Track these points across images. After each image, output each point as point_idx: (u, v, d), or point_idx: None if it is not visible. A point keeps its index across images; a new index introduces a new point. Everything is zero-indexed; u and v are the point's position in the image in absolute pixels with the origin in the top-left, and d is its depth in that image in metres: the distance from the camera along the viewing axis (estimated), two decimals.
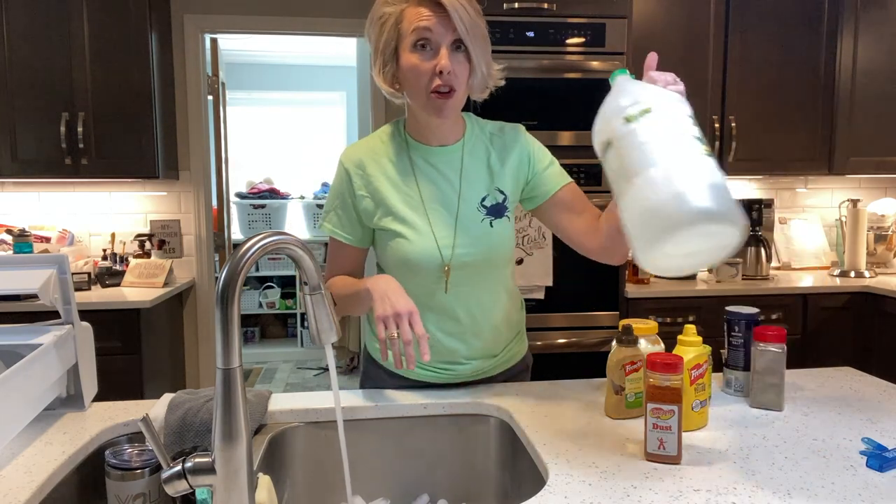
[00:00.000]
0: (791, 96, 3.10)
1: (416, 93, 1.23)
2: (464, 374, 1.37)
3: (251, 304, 5.31)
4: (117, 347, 2.67)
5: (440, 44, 1.19)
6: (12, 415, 1.05)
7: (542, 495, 0.91)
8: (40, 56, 2.81)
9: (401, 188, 1.30)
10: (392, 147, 1.34)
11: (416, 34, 1.19)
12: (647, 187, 0.90)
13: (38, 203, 3.22)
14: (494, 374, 1.42)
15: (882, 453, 0.99)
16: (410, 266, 1.28)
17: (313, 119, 5.89)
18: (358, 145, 1.37)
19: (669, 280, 3.07)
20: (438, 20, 1.18)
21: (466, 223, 1.30)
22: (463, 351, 1.35)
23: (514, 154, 1.34)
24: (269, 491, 0.93)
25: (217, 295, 0.77)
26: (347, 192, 1.32)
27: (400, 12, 1.21)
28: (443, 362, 1.36)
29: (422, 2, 1.19)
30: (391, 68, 1.26)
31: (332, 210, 1.35)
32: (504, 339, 1.40)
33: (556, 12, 2.58)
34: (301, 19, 3.30)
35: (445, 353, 1.35)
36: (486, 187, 1.32)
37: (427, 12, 1.18)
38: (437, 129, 1.31)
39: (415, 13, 1.19)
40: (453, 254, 1.28)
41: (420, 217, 1.29)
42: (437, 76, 1.19)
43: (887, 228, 3.29)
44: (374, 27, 1.26)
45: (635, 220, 0.93)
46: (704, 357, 1.15)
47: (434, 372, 1.37)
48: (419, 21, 1.18)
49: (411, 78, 1.22)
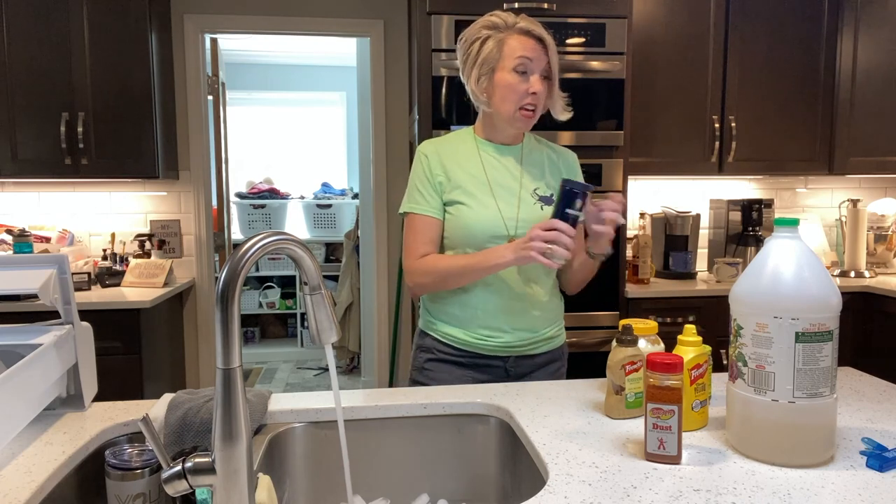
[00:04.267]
0: (791, 96, 3.10)
1: (506, 106, 1.48)
2: (508, 344, 1.54)
3: (251, 304, 5.31)
4: (117, 347, 2.67)
5: (535, 71, 1.46)
6: (12, 415, 1.05)
7: (542, 495, 0.91)
8: (40, 56, 2.81)
9: (469, 170, 1.54)
10: (463, 142, 1.59)
11: (518, 60, 1.45)
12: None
13: (38, 203, 3.22)
14: (535, 354, 1.58)
15: (882, 453, 0.99)
16: (473, 234, 1.50)
17: (313, 119, 5.89)
18: (432, 140, 1.61)
19: (669, 280, 3.07)
20: (539, 53, 1.46)
21: (526, 204, 1.53)
22: (509, 321, 1.53)
23: (568, 167, 1.63)
24: (269, 491, 0.93)
25: (217, 295, 0.77)
26: (427, 172, 1.54)
27: (502, 38, 1.46)
28: (489, 329, 1.53)
29: (526, 34, 1.46)
30: (485, 81, 1.49)
31: (414, 191, 1.55)
32: (545, 319, 1.58)
33: (556, 12, 2.58)
34: (301, 19, 3.30)
35: (493, 323, 1.53)
36: (541, 182, 1.57)
37: (531, 44, 1.45)
38: (507, 135, 1.56)
39: (519, 42, 1.45)
40: (517, 226, 1.51)
41: (486, 194, 1.52)
42: (529, 96, 1.46)
43: (887, 228, 3.29)
44: (474, 44, 1.49)
45: None
46: (704, 357, 1.15)
47: (481, 340, 1.53)
48: (524, 50, 1.45)
49: (507, 94, 1.47)
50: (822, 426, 0.98)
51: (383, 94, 3.42)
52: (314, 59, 5.56)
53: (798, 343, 0.95)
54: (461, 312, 1.54)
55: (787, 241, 1.00)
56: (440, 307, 1.57)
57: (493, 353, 1.54)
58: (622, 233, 2.72)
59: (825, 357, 0.96)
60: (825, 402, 0.98)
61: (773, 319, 0.96)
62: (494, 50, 1.46)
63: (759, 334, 0.98)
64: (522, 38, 1.45)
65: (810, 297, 0.95)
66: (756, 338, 0.98)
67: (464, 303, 1.53)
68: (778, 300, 0.96)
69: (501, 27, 1.47)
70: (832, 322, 0.96)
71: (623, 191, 2.69)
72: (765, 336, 0.97)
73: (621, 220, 1.40)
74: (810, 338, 0.95)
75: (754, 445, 1.01)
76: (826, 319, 0.96)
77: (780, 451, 0.99)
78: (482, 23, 1.49)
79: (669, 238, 3.15)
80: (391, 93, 3.43)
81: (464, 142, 1.58)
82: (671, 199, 3.40)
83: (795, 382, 0.96)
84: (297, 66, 5.70)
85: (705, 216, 3.42)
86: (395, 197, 3.47)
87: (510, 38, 1.46)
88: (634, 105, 2.91)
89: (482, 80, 1.48)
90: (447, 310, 1.56)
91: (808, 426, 0.97)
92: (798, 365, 0.96)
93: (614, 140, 2.64)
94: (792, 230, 1.00)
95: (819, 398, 0.97)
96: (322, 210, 5.43)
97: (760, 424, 0.99)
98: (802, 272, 0.97)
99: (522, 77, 1.45)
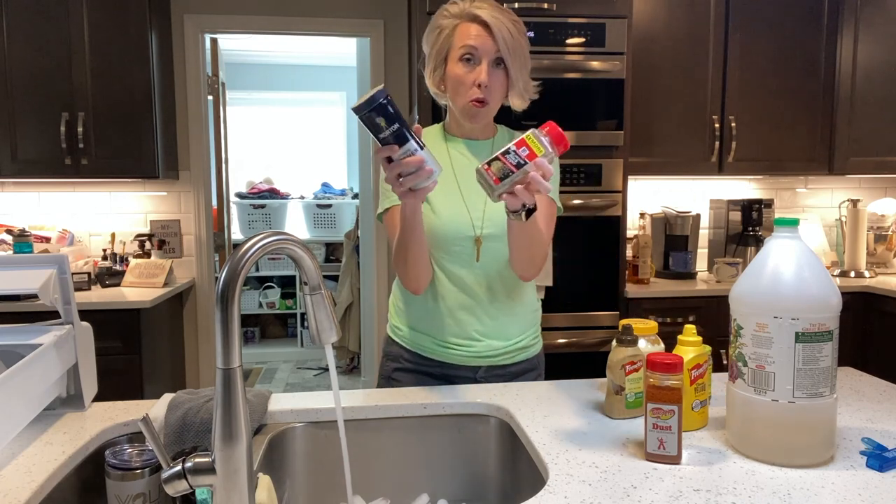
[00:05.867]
0: (791, 96, 3.10)
1: (457, 98, 1.39)
2: (478, 353, 1.45)
3: (251, 304, 5.31)
4: (117, 347, 2.67)
5: (483, 59, 1.35)
6: (12, 415, 1.05)
7: (542, 495, 0.91)
8: (40, 56, 2.81)
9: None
10: (433, 139, 1.49)
11: (463, 49, 1.35)
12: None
13: (38, 203, 3.22)
14: (507, 364, 1.48)
15: (882, 453, 0.99)
16: (439, 238, 1.41)
17: (313, 119, 5.89)
18: None
19: (669, 280, 3.07)
20: (484, 39, 1.34)
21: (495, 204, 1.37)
22: (477, 327, 1.45)
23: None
24: (269, 491, 0.93)
25: (217, 295, 0.77)
26: None
27: (454, 26, 1.38)
28: (458, 338, 1.45)
29: (473, 20, 1.35)
30: (439, 73, 1.42)
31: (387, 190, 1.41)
32: (518, 326, 1.48)
33: (556, 12, 2.58)
34: (301, 19, 3.30)
35: (461, 329, 1.44)
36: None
37: (476, 31, 1.35)
38: (473, 129, 1.47)
39: (466, 29, 1.36)
40: (483, 226, 1.42)
41: (453, 193, 1.43)
42: (476, 88, 1.35)
43: (887, 228, 3.29)
44: (432, 35, 1.41)
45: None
46: (704, 357, 1.15)
47: (450, 349, 1.45)
48: (467, 38, 1.35)
49: (454, 86, 1.38)
50: (822, 426, 0.98)
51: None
52: (314, 59, 5.56)
53: (798, 343, 0.95)
54: (429, 319, 1.45)
55: (787, 241, 1.00)
56: (407, 313, 1.49)
57: (462, 364, 1.46)
58: (622, 233, 2.72)
59: (825, 357, 0.96)
60: (825, 402, 0.98)
61: (773, 319, 0.96)
62: (446, 39, 1.38)
63: (759, 334, 0.98)
64: (468, 25, 1.35)
65: (810, 297, 0.95)
66: (756, 338, 0.98)
67: (431, 309, 1.45)
68: (778, 300, 0.96)
69: (458, 14, 1.38)
70: (832, 322, 0.96)
71: (623, 191, 2.69)
72: (765, 336, 0.97)
73: (545, 185, 1.11)
74: (810, 338, 0.95)
75: (754, 445, 1.01)
76: (826, 319, 0.96)
77: (780, 451, 0.99)
78: (442, 12, 1.40)
79: (669, 238, 3.15)
80: (391, 93, 3.42)
81: (432, 138, 1.48)
82: (671, 199, 3.40)
83: (795, 382, 0.96)
84: (297, 66, 5.70)
85: (705, 216, 3.42)
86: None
87: (461, 25, 1.37)
88: (634, 105, 2.91)
89: (437, 72, 1.41)
90: (414, 315, 1.48)
91: (808, 426, 0.97)
92: (798, 365, 0.96)
93: (614, 140, 2.64)
94: (792, 230, 1.00)
95: (819, 398, 0.97)
96: (322, 210, 5.43)
97: (760, 424, 0.99)
98: (802, 272, 0.97)
99: (469, 66, 1.35)
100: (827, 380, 0.97)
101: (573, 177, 2.65)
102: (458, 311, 1.44)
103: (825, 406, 0.98)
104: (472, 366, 1.46)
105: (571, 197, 2.62)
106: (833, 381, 0.98)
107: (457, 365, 1.46)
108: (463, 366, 1.46)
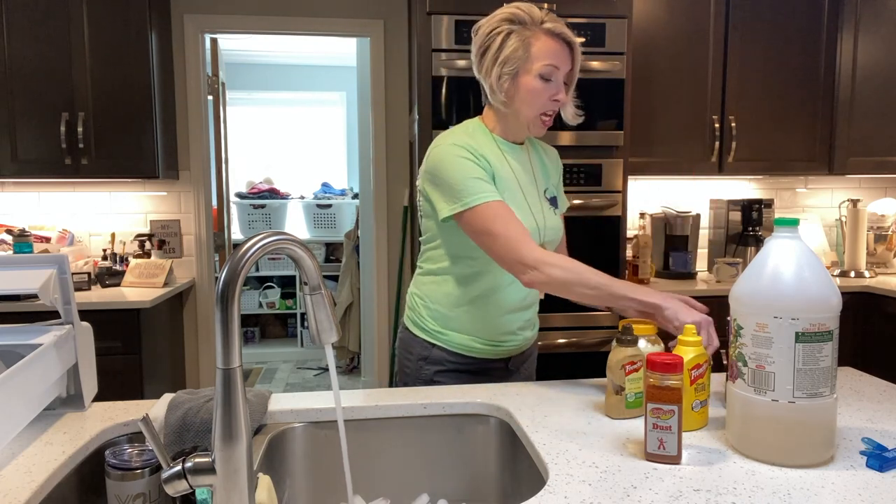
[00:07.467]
0: (791, 96, 3.10)
1: (528, 109, 1.40)
2: (518, 345, 1.53)
3: (251, 304, 5.31)
4: (117, 347, 2.67)
5: (559, 78, 1.39)
6: (12, 415, 1.05)
7: (542, 495, 0.91)
8: (40, 56, 2.81)
9: (500, 171, 1.42)
10: (483, 138, 1.45)
11: (547, 68, 1.37)
12: None
13: (38, 203, 3.22)
14: (526, 349, 1.58)
15: (882, 453, 0.99)
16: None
17: (313, 119, 5.89)
18: (454, 136, 1.42)
19: (669, 280, 3.07)
20: (566, 60, 1.39)
21: (545, 208, 1.50)
22: (520, 323, 1.51)
23: (556, 166, 1.60)
24: (269, 491, 0.93)
25: (217, 295, 0.77)
26: (479, 163, 1.38)
27: (530, 36, 1.36)
28: (506, 334, 1.50)
29: (555, 37, 1.37)
30: (507, 81, 1.38)
31: (470, 181, 1.35)
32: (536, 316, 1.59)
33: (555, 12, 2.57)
34: (301, 19, 3.30)
35: (509, 326, 1.49)
36: (546, 182, 1.55)
37: (559, 49, 1.37)
38: (519, 135, 1.48)
39: (549, 45, 1.36)
40: (544, 233, 1.47)
41: (520, 198, 1.43)
42: (551, 104, 1.40)
43: (887, 228, 3.29)
44: (491, 37, 1.37)
45: None
46: (704, 357, 1.15)
47: (497, 346, 1.50)
48: (552, 57, 1.36)
49: (529, 97, 1.38)
50: (822, 426, 0.98)
51: (383, 95, 3.42)
52: (314, 59, 5.56)
53: (798, 343, 0.95)
54: (481, 322, 1.47)
55: (787, 241, 1.00)
56: (455, 317, 1.47)
57: (501, 357, 1.52)
58: (622, 233, 2.72)
59: (825, 357, 0.96)
60: (825, 402, 0.98)
61: (773, 319, 0.96)
62: (520, 49, 1.35)
63: (759, 334, 0.98)
64: (550, 42, 1.36)
65: (810, 297, 0.95)
66: (756, 338, 0.98)
67: (486, 313, 1.46)
68: (778, 300, 0.96)
69: (527, 23, 1.36)
70: (832, 322, 0.96)
71: (623, 191, 2.69)
72: (765, 336, 0.97)
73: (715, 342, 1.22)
74: (810, 338, 0.95)
75: (754, 445, 1.01)
76: (826, 319, 0.96)
77: (780, 451, 0.99)
78: (503, 14, 1.37)
79: (669, 238, 3.15)
80: (391, 93, 3.43)
81: (484, 137, 1.44)
82: (671, 199, 3.40)
83: (795, 382, 0.96)
84: (297, 66, 5.70)
85: (705, 216, 3.42)
86: (395, 197, 3.47)
87: (537, 38, 1.36)
88: (634, 105, 2.91)
89: (504, 79, 1.37)
90: (465, 319, 1.47)
91: (808, 426, 0.97)
92: (798, 365, 0.96)
93: (614, 140, 2.64)
94: (792, 230, 1.00)
95: (819, 398, 0.97)
96: (322, 210, 5.44)
97: (760, 424, 0.99)
98: (802, 272, 0.97)
99: (547, 83, 1.37)
100: (827, 380, 0.97)
101: (573, 177, 2.65)
102: (512, 312, 1.49)
103: (825, 406, 0.98)
104: (504, 358, 1.53)
105: (571, 197, 2.62)
106: (833, 381, 0.98)
107: (493, 359, 1.52)
108: (498, 359, 1.52)
